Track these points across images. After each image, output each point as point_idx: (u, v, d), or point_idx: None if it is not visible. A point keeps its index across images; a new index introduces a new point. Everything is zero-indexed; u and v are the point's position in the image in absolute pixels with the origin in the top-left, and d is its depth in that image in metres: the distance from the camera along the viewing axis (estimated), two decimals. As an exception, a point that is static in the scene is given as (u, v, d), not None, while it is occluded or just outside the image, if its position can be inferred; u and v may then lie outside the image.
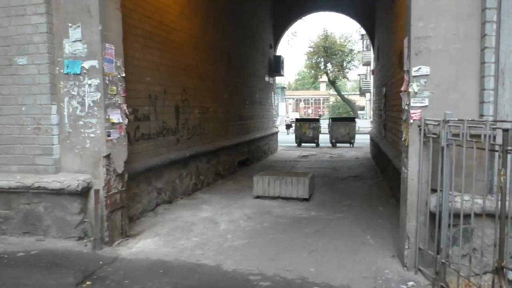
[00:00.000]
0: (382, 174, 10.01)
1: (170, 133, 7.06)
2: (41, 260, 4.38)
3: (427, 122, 3.81)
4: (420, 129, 3.87)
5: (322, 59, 36.05)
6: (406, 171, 4.04)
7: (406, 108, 4.06)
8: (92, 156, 4.70)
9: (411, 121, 3.94)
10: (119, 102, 4.91)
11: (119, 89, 4.91)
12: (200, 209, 6.71)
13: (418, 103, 3.90)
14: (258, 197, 7.49)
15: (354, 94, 58.23)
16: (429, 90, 3.88)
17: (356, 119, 21.72)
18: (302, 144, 19.17)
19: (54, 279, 3.97)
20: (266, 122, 14.95)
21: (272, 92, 16.13)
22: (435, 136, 3.70)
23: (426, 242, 3.87)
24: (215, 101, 9.30)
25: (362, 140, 19.91)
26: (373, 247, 4.85)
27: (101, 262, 4.36)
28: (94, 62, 4.59)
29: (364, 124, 32.51)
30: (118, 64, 4.87)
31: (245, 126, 11.94)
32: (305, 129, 19.01)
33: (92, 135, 4.67)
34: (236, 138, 10.77)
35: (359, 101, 56.20)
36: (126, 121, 5.06)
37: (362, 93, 50.94)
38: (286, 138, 22.91)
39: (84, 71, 4.62)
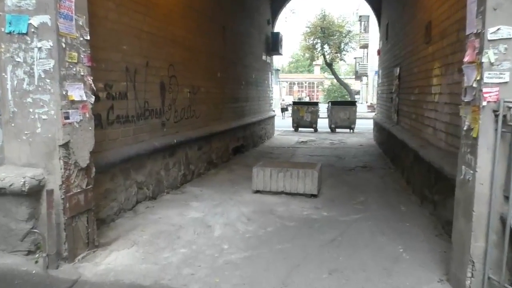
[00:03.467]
0: (393, 164, 8.97)
1: (154, 116, 5.89)
2: (-27, 284, 3.26)
3: (509, 105, 2.71)
4: (497, 115, 2.77)
5: (319, 40, 34.70)
6: (471, 172, 2.95)
7: (474, 85, 2.93)
8: (44, 144, 3.54)
9: (484, 103, 2.82)
10: (82, 74, 3.72)
11: (82, 56, 3.72)
12: (190, 207, 5.60)
13: (495, 78, 2.79)
14: (257, 191, 6.40)
15: (349, 78, 57.02)
16: (511, 61, 2.77)
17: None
18: (300, 129, 18.06)
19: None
20: (263, 105, 13.79)
21: (269, 73, 14.92)
22: (523, 125, 2.61)
23: (503, 272, 2.80)
24: (208, 80, 8.12)
25: (360, 125, 18.74)
26: (411, 265, 3.79)
27: (54, 288, 3.26)
28: (45, 18, 3.38)
29: (361, 109, 31.37)
30: (80, 23, 3.67)
31: (240, 109, 10.78)
32: (303, 112, 17.87)
33: (44, 117, 3.50)
34: (231, 122, 9.62)
35: (354, 85, 55.00)
36: (93, 98, 3.88)
37: (358, 76, 49.83)
38: (281, 123, 21.73)
39: (32, 29, 3.42)
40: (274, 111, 16.06)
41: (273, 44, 14.62)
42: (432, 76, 5.87)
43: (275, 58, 16.77)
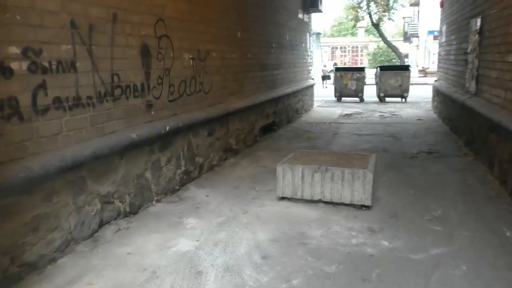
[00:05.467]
0: (470, 149, 6.76)
1: (132, 94, 4.07)
2: None
3: None
4: None
5: (364, -2, 31.30)
6: None
7: None
8: None
9: None
10: None
11: None
12: (181, 229, 3.82)
13: None
14: (284, 198, 4.53)
15: (396, 41, 52.69)
16: None
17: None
18: (343, 99, 15.79)
19: None
20: (300, 72, 11.66)
21: (308, 34, 12.65)
22: None
23: None
24: (222, 42, 6.15)
25: (412, 93, 15.84)
26: None
27: None
28: None
29: (411, 73, 28.09)
30: None
31: (271, 78, 8.77)
32: (347, 80, 15.50)
33: None
34: (257, 95, 7.68)
35: (402, 48, 50.75)
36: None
37: (407, 38, 45.72)
38: (322, 92, 19.40)
39: None
40: (313, 79, 13.88)
41: (312, -1, 12.27)
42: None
43: (316, 20, 14.40)
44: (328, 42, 60.44)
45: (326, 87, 22.71)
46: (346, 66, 36.23)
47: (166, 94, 4.69)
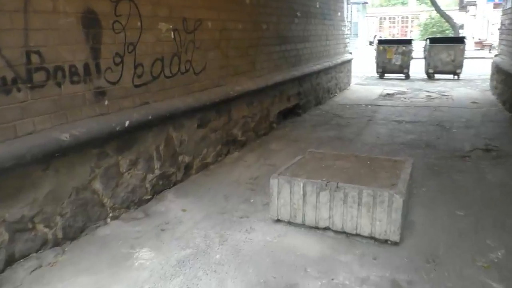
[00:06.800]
0: (542, 146, 5.23)
1: (67, 79, 2.96)
2: None
3: None
4: None
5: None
6: None
7: None
8: None
9: None
10: None
11: None
12: (124, 270, 2.74)
13: None
14: (279, 221, 3.35)
15: (450, 10, 48.47)
16: None
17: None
18: (386, 75, 14.07)
19: None
20: (334, 46, 10.15)
21: (345, 1, 11.02)
22: None
23: None
24: (221, 8, 4.91)
25: (466, 69, 13.74)
26: None
27: None
28: None
29: (466, 46, 25.22)
30: None
31: (294, 53, 7.42)
32: (391, 54, 13.71)
33: None
34: (273, 74, 6.41)
35: (457, 18, 46.62)
36: None
37: (463, 7, 41.89)
38: (365, 68, 17.58)
39: None
40: (351, 53, 12.29)
41: (351, -40, 10.59)
42: None
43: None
44: (376, 12, 56.91)
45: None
46: (394, 38, 33.61)
47: (131, 77, 3.56)
